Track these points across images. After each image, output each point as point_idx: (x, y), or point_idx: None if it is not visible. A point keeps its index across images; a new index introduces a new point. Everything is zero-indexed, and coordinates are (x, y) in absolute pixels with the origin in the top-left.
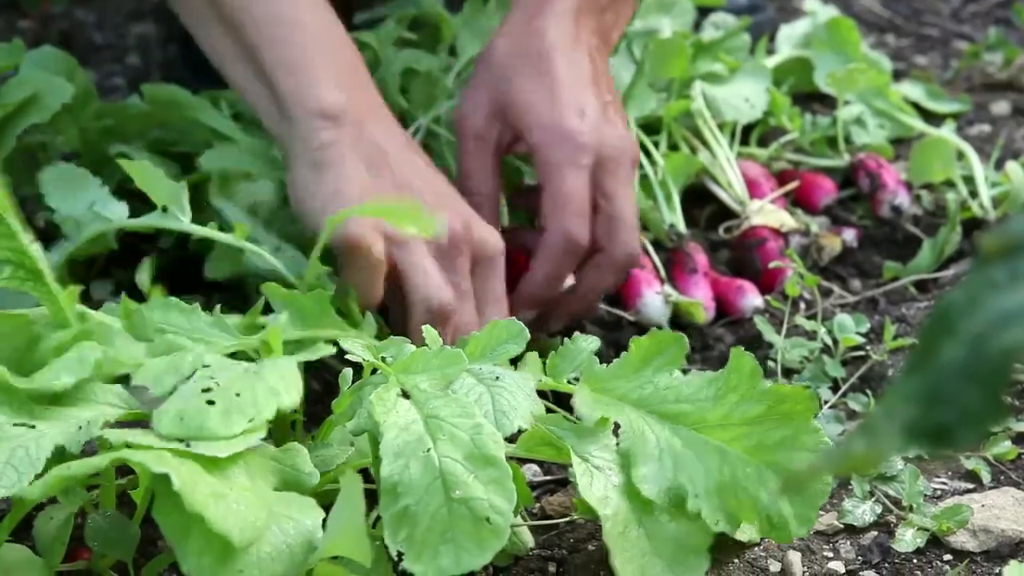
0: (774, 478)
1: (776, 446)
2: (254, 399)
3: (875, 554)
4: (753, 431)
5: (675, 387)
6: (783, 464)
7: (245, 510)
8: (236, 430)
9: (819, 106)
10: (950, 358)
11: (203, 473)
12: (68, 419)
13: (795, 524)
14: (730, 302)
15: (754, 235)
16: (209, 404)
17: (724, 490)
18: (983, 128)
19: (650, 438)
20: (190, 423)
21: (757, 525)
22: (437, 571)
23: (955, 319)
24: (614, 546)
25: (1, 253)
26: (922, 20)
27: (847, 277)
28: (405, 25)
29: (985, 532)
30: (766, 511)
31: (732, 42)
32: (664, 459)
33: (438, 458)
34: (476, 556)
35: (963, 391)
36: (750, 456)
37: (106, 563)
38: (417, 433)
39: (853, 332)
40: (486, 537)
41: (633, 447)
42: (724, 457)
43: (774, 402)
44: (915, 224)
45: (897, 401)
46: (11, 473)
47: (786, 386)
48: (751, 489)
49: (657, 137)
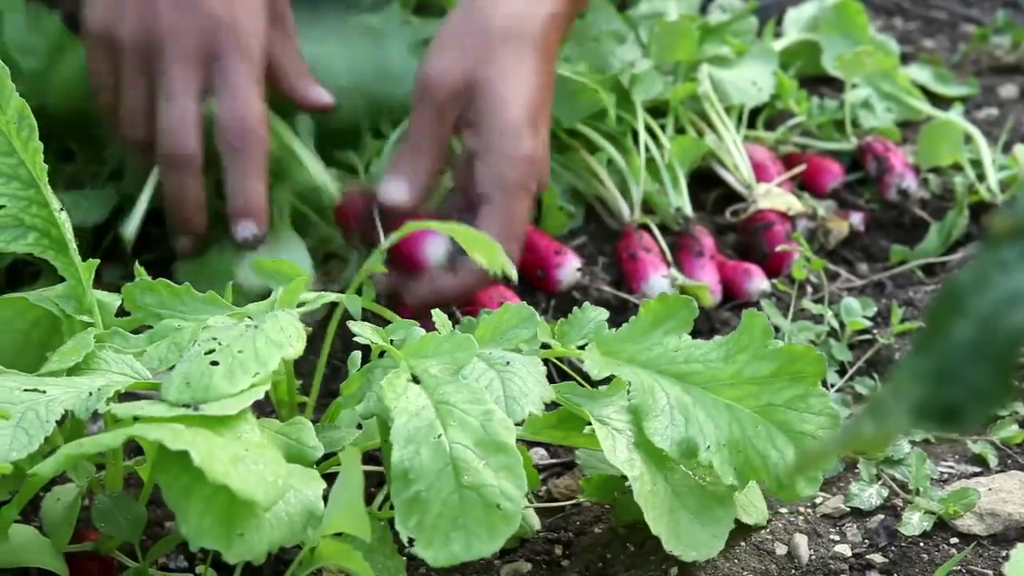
0: (782, 437)
1: (785, 406)
2: (255, 353)
3: (882, 537)
4: (763, 390)
5: (685, 348)
6: (792, 424)
7: (264, 469)
8: (242, 387)
9: (826, 89)
10: (959, 337)
11: (217, 438)
12: (79, 386)
13: (802, 483)
14: (737, 285)
15: (761, 219)
16: (213, 365)
17: (734, 446)
18: (991, 111)
19: (660, 395)
20: (196, 386)
21: (767, 483)
22: (448, 557)
23: (964, 299)
24: (645, 504)
25: (29, 218)
26: (930, 3)
27: (854, 261)
28: (411, 8)
29: (992, 516)
30: (775, 469)
31: (739, 25)
32: (675, 414)
33: (449, 444)
34: (487, 542)
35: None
36: (760, 415)
37: (113, 544)
38: (428, 419)
39: (860, 316)
40: (497, 523)
41: (643, 403)
42: (734, 414)
43: (784, 362)
44: (922, 208)
45: (906, 380)
46: (22, 436)
47: (797, 346)
48: (760, 447)
49: (664, 120)
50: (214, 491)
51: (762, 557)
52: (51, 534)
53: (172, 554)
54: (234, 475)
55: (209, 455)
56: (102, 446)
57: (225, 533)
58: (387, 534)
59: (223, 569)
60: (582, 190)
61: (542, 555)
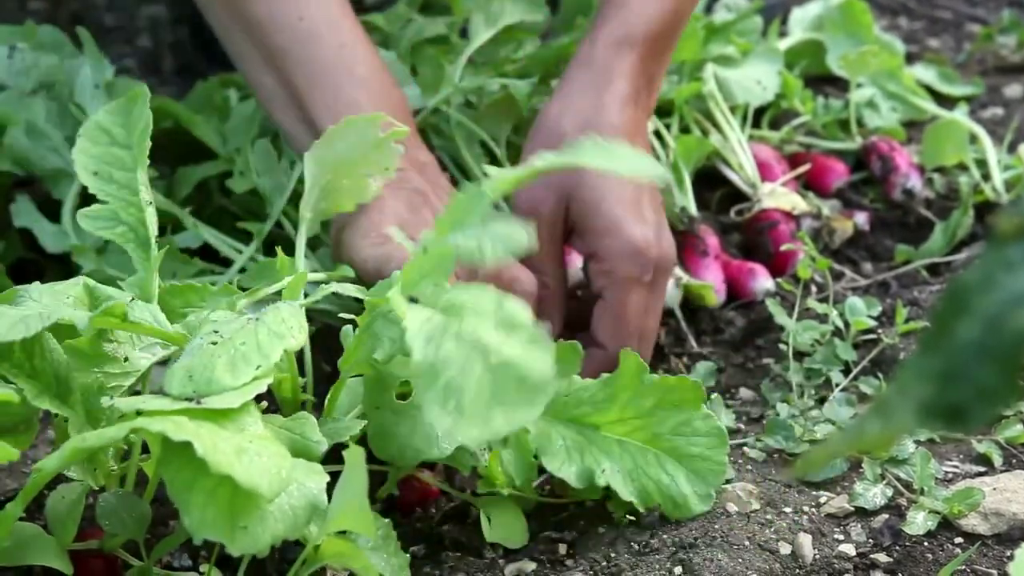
0: (672, 462)
1: (671, 433)
2: (257, 345)
3: (886, 537)
4: (648, 422)
5: (575, 392)
6: (680, 449)
7: (268, 461)
8: (244, 379)
9: (831, 89)
10: (965, 337)
11: (220, 429)
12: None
13: (695, 501)
14: (741, 285)
15: (766, 218)
16: (215, 358)
17: (628, 476)
18: (996, 111)
19: (556, 438)
20: (199, 379)
21: (662, 505)
22: (491, 432)
23: (970, 298)
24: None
25: (124, 215)
26: (935, 2)
27: (859, 260)
28: (416, 7)
29: (996, 515)
30: (668, 492)
31: (744, 24)
32: (571, 453)
33: (468, 332)
34: (525, 411)
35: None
36: (649, 444)
37: (117, 542)
38: (441, 320)
39: (865, 315)
40: (532, 392)
41: (541, 446)
42: (624, 448)
43: (664, 393)
44: (927, 207)
45: (912, 380)
46: (20, 327)
47: (671, 377)
48: (652, 474)
49: (669, 120)
50: (217, 483)
51: (766, 556)
52: (56, 532)
53: (176, 552)
54: (238, 466)
55: (213, 446)
56: (106, 439)
57: (228, 525)
58: (390, 532)
59: (227, 568)
60: None
61: (546, 554)
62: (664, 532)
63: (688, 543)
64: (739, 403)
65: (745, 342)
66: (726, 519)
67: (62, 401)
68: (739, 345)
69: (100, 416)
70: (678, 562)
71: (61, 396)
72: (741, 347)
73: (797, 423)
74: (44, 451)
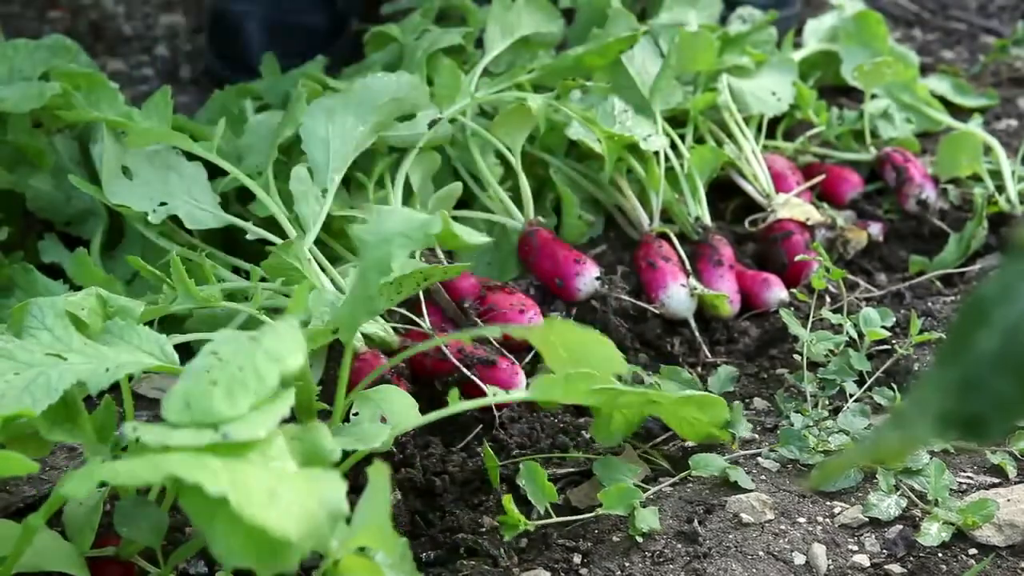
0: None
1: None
2: (255, 369)
3: (900, 547)
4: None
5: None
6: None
7: (296, 501)
8: (242, 407)
9: (846, 100)
10: (984, 348)
11: (249, 466)
12: (102, 359)
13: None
14: (755, 295)
15: (780, 228)
16: (212, 384)
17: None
18: (1010, 123)
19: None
20: (196, 408)
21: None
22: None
23: (989, 310)
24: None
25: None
26: (949, 14)
27: (873, 271)
28: (431, 18)
29: (1011, 527)
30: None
31: (759, 35)
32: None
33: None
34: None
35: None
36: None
37: (134, 549)
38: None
39: (879, 326)
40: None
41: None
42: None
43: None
44: (941, 218)
45: (930, 391)
46: (26, 399)
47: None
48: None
49: (683, 130)
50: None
51: (780, 566)
52: (73, 539)
53: (193, 559)
54: (271, 515)
55: (247, 498)
56: (137, 479)
57: (255, 552)
58: (407, 551)
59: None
60: (602, 199)
61: (561, 563)
62: (678, 542)
63: (702, 553)
64: (753, 413)
65: (759, 352)
66: (740, 529)
67: (72, 424)
68: (753, 355)
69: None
70: (692, 572)
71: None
72: (755, 357)
73: (811, 433)
74: (61, 456)
